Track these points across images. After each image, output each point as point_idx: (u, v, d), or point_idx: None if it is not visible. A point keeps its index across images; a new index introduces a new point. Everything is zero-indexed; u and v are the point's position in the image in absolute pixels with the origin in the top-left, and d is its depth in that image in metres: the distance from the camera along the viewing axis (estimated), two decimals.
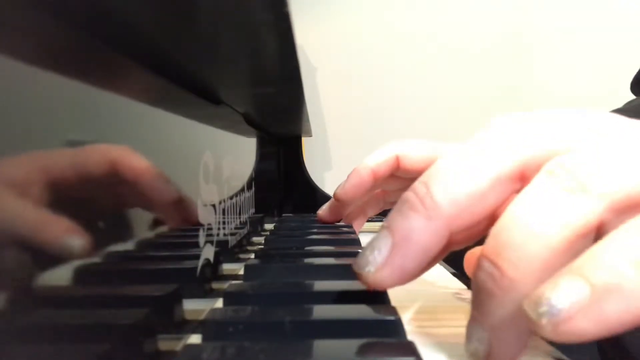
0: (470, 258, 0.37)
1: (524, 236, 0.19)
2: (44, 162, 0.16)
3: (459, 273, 0.43)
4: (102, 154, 0.20)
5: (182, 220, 0.30)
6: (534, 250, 0.19)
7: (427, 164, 0.46)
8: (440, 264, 0.45)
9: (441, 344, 0.26)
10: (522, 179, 0.22)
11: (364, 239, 0.58)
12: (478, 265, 0.20)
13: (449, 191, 0.22)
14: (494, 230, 0.20)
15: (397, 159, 0.46)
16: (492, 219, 0.22)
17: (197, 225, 0.32)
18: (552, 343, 0.26)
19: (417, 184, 0.23)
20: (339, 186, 0.49)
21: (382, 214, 0.57)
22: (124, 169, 0.22)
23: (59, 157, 0.17)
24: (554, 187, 0.20)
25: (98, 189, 0.20)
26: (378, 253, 0.23)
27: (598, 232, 0.19)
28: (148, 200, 0.25)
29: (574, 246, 0.19)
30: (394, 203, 0.57)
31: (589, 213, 0.19)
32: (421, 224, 0.22)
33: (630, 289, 0.16)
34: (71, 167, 0.18)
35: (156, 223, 0.27)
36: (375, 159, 0.46)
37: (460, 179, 0.22)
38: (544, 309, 0.17)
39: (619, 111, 0.63)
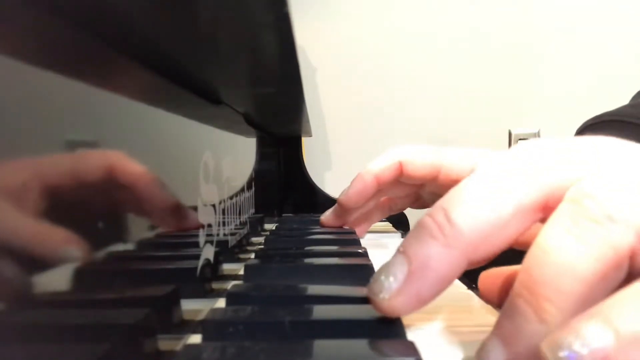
0: (485, 279, 0.37)
1: (557, 272, 0.19)
2: (40, 169, 0.16)
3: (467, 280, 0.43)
4: (99, 159, 0.20)
5: (180, 224, 0.30)
6: (570, 286, 0.19)
7: (430, 171, 0.46)
8: None
9: (442, 344, 0.26)
10: (545, 209, 0.22)
11: (368, 237, 0.58)
12: (515, 293, 0.20)
13: (470, 219, 0.21)
14: (526, 264, 0.20)
15: (401, 165, 0.46)
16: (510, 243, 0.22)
17: (196, 229, 0.32)
18: None
19: (436, 210, 0.22)
20: (342, 192, 0.49)
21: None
22: (121, 174, 0.22)
23: (56, 164, 0.17)
24: (581, 218, 0.19)
25: (97, 193, 0.20)
26: (394, 280, 0.22)
27: (631, 262, 0.19)
28: (145, 204, 0.25)
29: (608, 277, 0.19)
30: (399, 209, 0.57)
31: (619, 243, 0.19)
32: (439, 252, 0.21)
33: None
34: (68, 172, 0.18)
35: (156, 223, 0.27)
36: (379, 165, 0.46)
37: (482, 207, 0.22)
38: (564, 353, 0.16)
39: (628, 107, 0.63)
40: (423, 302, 0.22)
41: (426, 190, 0.49)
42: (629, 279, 0.19)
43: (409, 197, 0.52)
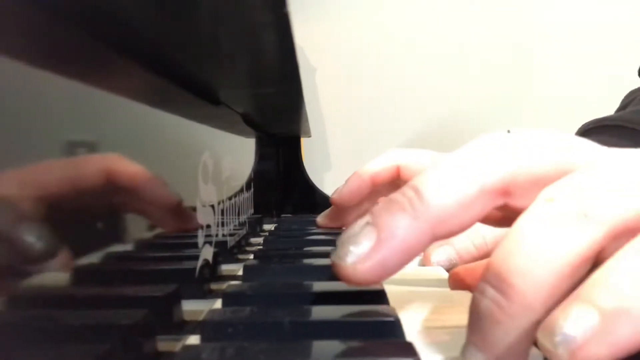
0: (455, 276, 0.37)
1: (532, 262, 0.20)
2: (40, 174, 0.16)
3: None
4: (98, 162, 0.20)
5: (180, 225, 0.30)
6: (542, 277, 0.19)
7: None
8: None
9: (440, 344, 0.26)
10: (505, 193, 0.23)
11: None
12: (479, 291, 0.21)
13: (438, 196, 0.23)
14: (497, 256, 0.21)
15: (398, 168, 0.46)
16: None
17: (195, 229, 0.32)
18: None
19: (406, 188, 0.24)
20: (335, 191, 0.49)
21: None
22: (120, 176, 0.22)
23: (55, 168, 0.17)
24: (556, 214, 0.20)
25: (96, 196, 0.20)
26: (360, 246, 0.23)
27: (597, 257, 0.20)
28: (146, 205, 0.25)
29: (577, 271, 0.20)
30: None
31: (592, 239, 0.19)
32: (408, 224, 0.23)
33: (638, 311, 0.17)
34: (67, 177, 0.18)
35: (155, 224, 0.27)
36: (375, 166, 0.46)
37: (449, 187, 0.23)
38: (558, 338, 0.18)
39: (630, 113, 0.63)
40: (388, 271, 0.23)
41: None
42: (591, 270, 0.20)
43: None
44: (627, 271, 0.18)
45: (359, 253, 0.23)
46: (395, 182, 0.46)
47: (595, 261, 0.20)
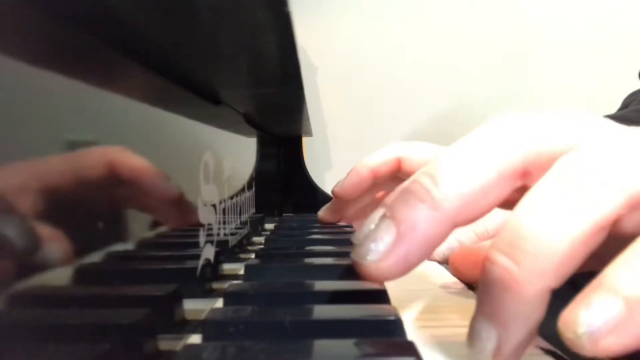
0: (455, 260, 0.37)
1: (544, 228, 0.19)
2: (41, 169, 0.16)
3: None
4: (99, 156, 0.20)
5: (183, 219, 0.30)
6: (554, 243, 0.19)
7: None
8: (441, 264, 0.45)
9: (441, 344, 0.26)
10: (524, 175, 0.22)
11: None
12: (490, 259, 0.20)
13: (456, 183, 0.22)
14: (510, 224, 0.20)
15: (399, 161, 0.46)
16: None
17: (198, 224, 0.32)
18: (550, 340, 0.26)
19: (422, 175, 0.23)
20: (337, 184, 0.49)
21: None
22: (122, 169, 0.22)
23: (56, 164, 0.17)
24: (573, 179, 0.20)
25: (97, 191, 0.20)
26: (382, 242, 0.22)
27: (614, 227, 0.19)
28: (149, 199, 0.25)
29: (593, 239, 0.19)
30: None
31: (609, 206, 0.19)
32: (428, 214, 0.22)
33: None
34: (68, 172, 0.18)
35: (156, 223, 0.27)
36: (376, 159, 0.46)
37: (467, 173, 0.22)
38: (582, 329, 0.17)
39: (633, 112, 0.63)
40: (411, 265, 0.22)
41: None
42: (609, 243, 0.19)
43: None
44: None
45: (380, 250, 0.22)
46: (396, 175, 0.46)
47: (613, 230, 0.19)
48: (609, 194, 0.19)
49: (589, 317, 0.17)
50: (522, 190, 0.22)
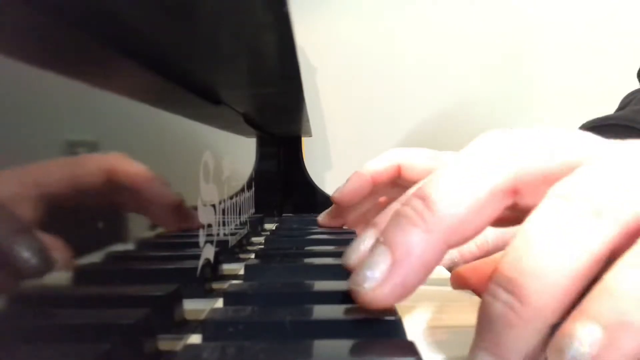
0: (457, 276, 0.37)
1: (546, 263, 0.19)
2: (41, 174, 0.16)
3: None
4: (99, 162, 0.20)
5: (181, 224, 0.30)
6: (557, 279, 0.19)
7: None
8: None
9: (442, 344, 0.26)
10: (515, 193, 0.22)
11: None
12: (490, 294, 0.20)
13: (448, 204, 0.22)
14: (509, 257, 0.20)
15: (399, 167, 0.45)
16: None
17: (196, 228, 0.32)
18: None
19: (414, 199, 0.23)
20: (336, 190, 0.49)
21: None
22: (121, 175, 0.22)
23: (56, 168, 0.17)
24: (568, 212, 0.20)
25: (96, 196, 0.20)
26: (378, 270, 0.22)
27: (611, 256, 0.19)
28: (146, 205, 0.25)
29: (591, 271, 0.19)
30: None
31: (606, 238, 0.19)
32: (422, 238, 0.22)
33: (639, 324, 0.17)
34: (68, 177, 0.18)
35: (156, 223, 0.27)
36: (376, 166, 0.46)
37: (458, 193, 0.22)
38: (568, 356, 0.17)
39: (633, 112, 0.63)
40: (408, 290, 0.22)
41: None
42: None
43: None
44: (627, 283, 0.18)
45: (376, 277, 0.22)
46: (396, 181, 0.46)
47: (610, 259, 0.19)
48: (604, 226, 0.19)
49: (573, 345, 0.17)
50: (513, 208, 0.23)
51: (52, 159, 0.17)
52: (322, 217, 0.53)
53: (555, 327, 0.19)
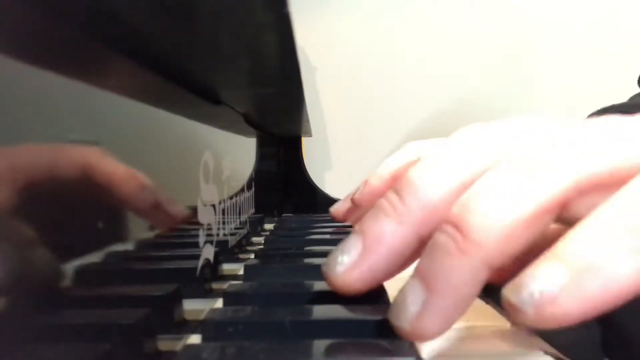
0: None
1: (489, 206, 0.20)
2: (18, 162, 0.16)
3: None
4: (77, 156, 0.19)
5: (167, 223, 0.29)
6: (497, 220, 0.19)
7: None
8: None
9: (442, 344, 0.26)
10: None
11: None
12: (439, 229, 0.21)
13: (419, 198, 0.23)
14: (461, 200, 0.21)
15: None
16: None
17: (175, 229, 0.32)
18: (551, 341, 0.26)
19: (389, 193, 0.24)
20: (356, 190, 0.48)
21: None
22: (97, 172, 0.21)
23: (31, 154, 0.16)
24: (523, 164, 0.20)
25: (74, 191, 0.19)
26: (348, 255, 0.23)
27: (562, 211, 0.20)
28: (125, 205, 0.24)
29: (536, 221, 0.20)
30: None
31: (554, 189, 0.19)
32: (392, 228, 0.23)
33: (608, 267, 0.17)
34: (50, 167, 0.17)
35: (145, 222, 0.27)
36: (395, 163, 0.46)
37: (428, 188, 0.23)
38: (525, 294, 0.18)
39: (624, 106, 0.63)
40: (376, 278, 0.23)
41: None
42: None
43: None
44: (598, 230, 0.18)
45: (346, 262, 0.23)
46: None
47: (563, 216, 0.20)
48: (556, 177, 0.19)
49: (533, 282, 0.17)
50: None
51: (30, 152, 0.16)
52: (335, 209, 0.53)
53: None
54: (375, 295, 0.28)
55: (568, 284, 0.17)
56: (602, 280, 0.17)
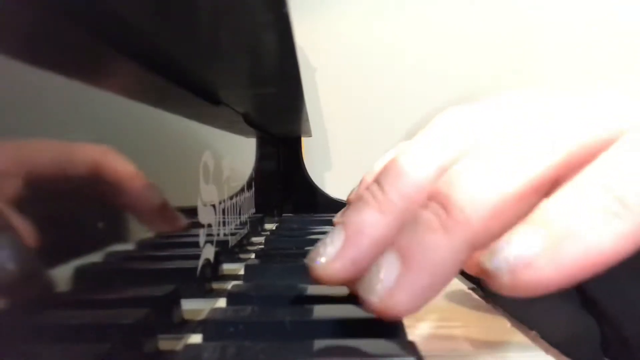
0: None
1: (477, 182, 0.19)
2: (35, 166, 0.16)
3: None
4: (83, 154, 0.20)
5: (164, 227, 0.29)
6: (482, 199, 0.19)
7: None
8: None
9: (442, 344, 0.26)
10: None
11: None
12: (424, 206, 0.20)
13: (398, 186, 0.22)
14: (446, 177, 0.20)
15: None
16: None
17: (182, 230, 0.32)
18: (551, 342, 0.26)
19: (371, 184, 0.24)
20: (352, 192, 0.48)
21: None
22: (106, 170, 0.21)
23: (42, 149, 0.16)
24: (508, 143, 0.20)
25: (79, 189, 0.19)
26: (331, 246, 0.23)
27: (552, 189, 0.19)
28: (131, 205, 0.24)
29: (524, 199, 0.19)
30: None
31: (542, 166, 0.19)
32: (373, 218, 0.22)
33: (586, 234, 0.16)
34: (52, 163, 0.17)
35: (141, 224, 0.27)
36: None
37: (407, 175, 0.23)
38: (500, 258, 0.17)
39: None
40: (359, 267, 0.22)
41: None
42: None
43: None
44: (576, 197, 0.17)
45: (328, 253, 0.23)
46: None
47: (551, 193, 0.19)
48: (543, 153, 0.19)
49: (509, 247, 0.17)
50: None
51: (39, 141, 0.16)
52: (336, 217, 0.53)
53: (560, 299, 0.19)
54: None
55: (545, 249, 0.17)
56: (580, 245, 0.16)
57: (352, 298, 0.27)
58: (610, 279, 0.19)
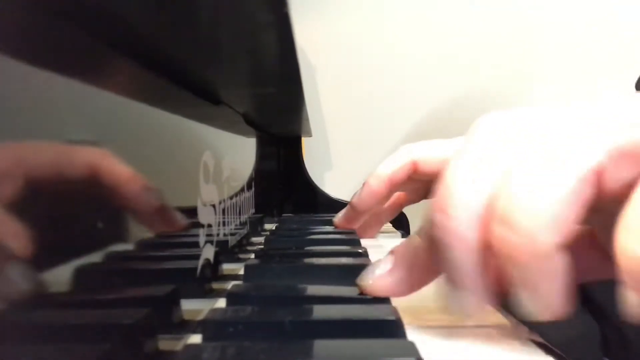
0: None
1: (531, 197, 0.20)
2: (34, 168, 0.15)
3: None
4: (81, 156, 0.19)
5: (168, 226, 0.29)
6: (543, 211, 0.20)
7: (444, 166, 0.46)
8: None
9: (442, 344, 0.26)
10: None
11: (382, 241, 0.58)
12: (491, 232, 0.21)
13: (451, 226, 0.23)
14: (503, 196, 0.21)
15: (415, 164, 0.45)
16: None
17: (181, 230, 0.32)
18: (551, 342, 0.26)
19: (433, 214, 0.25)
20: (354, 195, 0.49)
21: None
22: (107, 171, 0.21)
23: (40, 152, 0.16)
24: (552, 148, 0.21)
25: (85, 188, 0.19)
26: (379, 268, 0.27)
27: (601, 183, 0.20)
28: (131, 205, 0.24)
29: (581, 194, 0.20)
30: (411, 203, 0.58)
31: (588, 160, 0.20)
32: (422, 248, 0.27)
33: None
34: (52, 163, 0.17)
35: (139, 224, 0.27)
36: (392, 166, 0.46)
37: (460, 208, 0.23)
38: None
39: None
40: (404, 290, 0.28)
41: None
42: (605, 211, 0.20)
43: (422, 191, 0.51)
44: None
45: (376, 274, 0.27)
46: (412, 177, 0.46)
47: (602, 189, 0.20)
48: (587, 150, 0.20)
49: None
50: None
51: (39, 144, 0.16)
52: (338, 219, 0.53)
53: None
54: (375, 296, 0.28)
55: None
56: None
57: (352, 298, 0.27)
58: (610, 279, 0.19)
